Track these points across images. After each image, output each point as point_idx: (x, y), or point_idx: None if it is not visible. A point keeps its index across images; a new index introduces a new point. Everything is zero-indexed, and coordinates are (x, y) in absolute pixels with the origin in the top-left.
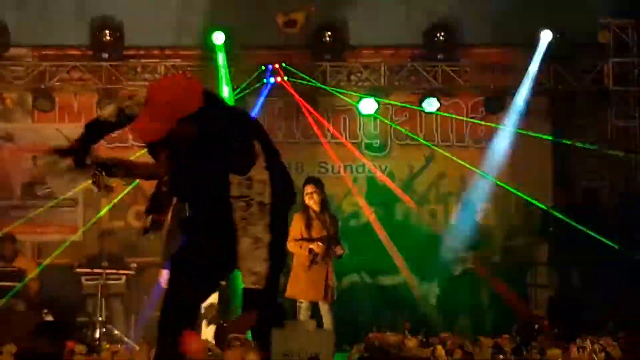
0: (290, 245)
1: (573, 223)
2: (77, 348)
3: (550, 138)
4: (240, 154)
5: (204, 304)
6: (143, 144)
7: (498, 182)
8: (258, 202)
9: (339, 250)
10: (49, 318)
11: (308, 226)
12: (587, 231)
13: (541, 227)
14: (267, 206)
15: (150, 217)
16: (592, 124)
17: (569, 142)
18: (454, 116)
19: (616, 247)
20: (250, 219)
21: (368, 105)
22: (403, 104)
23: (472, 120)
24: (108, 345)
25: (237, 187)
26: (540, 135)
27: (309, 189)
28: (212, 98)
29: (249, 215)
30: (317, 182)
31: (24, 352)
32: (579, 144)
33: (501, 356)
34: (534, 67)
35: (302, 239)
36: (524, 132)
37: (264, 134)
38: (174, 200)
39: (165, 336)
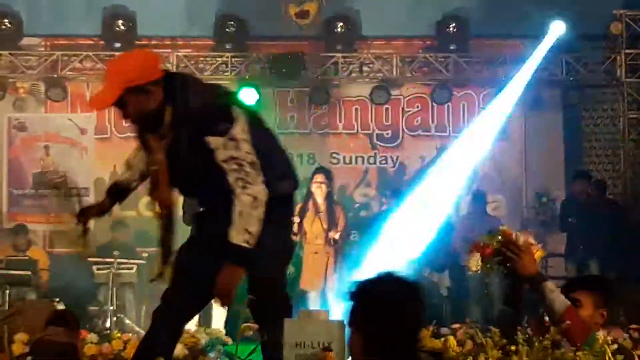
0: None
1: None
2: (89, 337)
3: None
4: (214, 115)
5: None
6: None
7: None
8: (249, 162)
9: (331, 234)
10: (61, 307)
11: (301, 211)
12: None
13: (560, 218)
14: (257, 163)
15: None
16: (604, 115)
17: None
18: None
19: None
20: (247, 179)
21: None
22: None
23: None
24: (119, 334)
25: (224, 150)
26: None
27: (319, 178)
28: (178, 77)
29: (245, 175)
30: (327, 173)
31: (37, 341)
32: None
33: (513, 347)
34: (537, 56)
35: None
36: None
37: (255, 118)
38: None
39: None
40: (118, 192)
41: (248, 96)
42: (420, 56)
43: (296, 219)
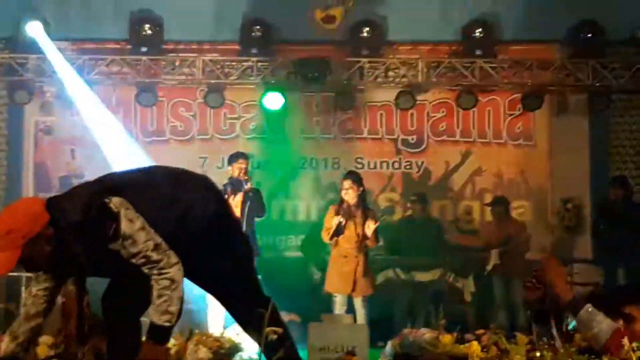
0: (323, 236)
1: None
2: None
3: None
4: (97, 224)
5: None
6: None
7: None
8: (152, 249)
9: (367, 230)
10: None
11: (338, 213)
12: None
13: (592, 224)
14: (163, 242)
15: None
16: (631, 121)
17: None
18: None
19: None
20: (156, 267)
21: (273, 100)
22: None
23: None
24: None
25: (125, 250)
26: None
27: (346, 184)
28: (54, 202)
29: (155, 264)
30: (355, 177)
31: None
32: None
33: (537, 353)
34: (563, 62)
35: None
36: None
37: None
38: None
39: None
40: None
41: (274, 101)
42: (445, 61)
43: (337, 220)
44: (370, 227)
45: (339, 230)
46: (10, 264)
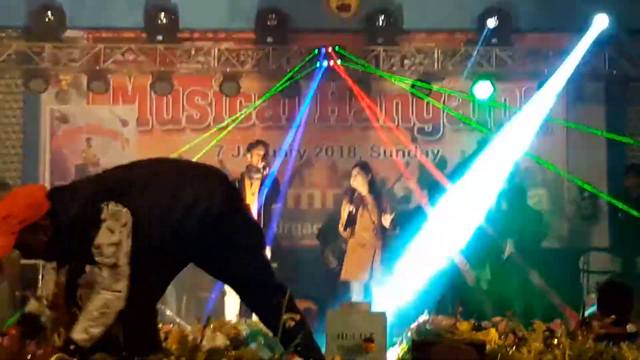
0: (340, 230)
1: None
2: None
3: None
4: (84, 225)
5: None
6: None
7: (552, 167)
8: (109, 265)
9: (384, 220)
10: None
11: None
12: None
13: (609, 212)
14: (122, 267)
15: None
16: None
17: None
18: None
19: None
20: (102, 284)
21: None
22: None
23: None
24: (160, 325)
25: (92, 254)
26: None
27: (354, 171)
28: (57, 194)
29: (102, 280)
30: (362, 166)
31: None
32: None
33: (555, 340)
34: (580, 50)
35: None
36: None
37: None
38: None
39: None
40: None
41: (289, 90)
42: (462, 49)
43: (347, 209)
44: (387, 219)
45: (350, 220)
46: (5, 248)
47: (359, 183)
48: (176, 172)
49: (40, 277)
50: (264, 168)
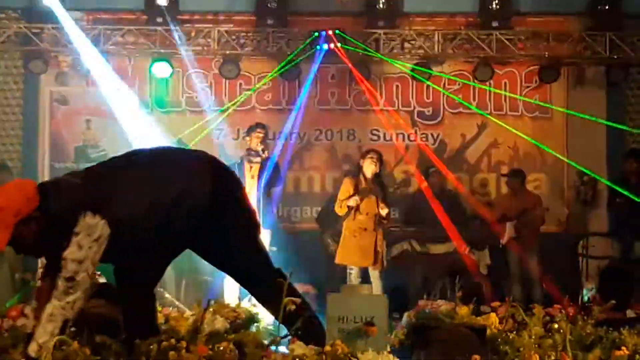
0: (337, 208)
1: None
2: None
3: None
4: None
5: None
6: None
7: (551, 151)
8: (65, 277)
9: (384, 212)
10: (102, 280)
11: (356, 187)
12: None
13: (608, 197)
14: (77, 282)
15: None
16: None
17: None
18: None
19: None
20: (54, 293)
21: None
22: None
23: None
24: (160, 308)
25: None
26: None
27: (375, 156)
28: (45, 189)
29: (56, 288)
30: (379, 154)
31: (80, 314)
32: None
33: (555, 325)
34: (580, 34)
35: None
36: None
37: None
38: None
39: None
40: None
41: (289, 73)
42: (462, 33)
43: (354, 201)
44: (383, 209)
45: (349, 212)
46: (2, 243)
47: (372, 170)
48: (163, 168)
49: (39, 260)
50: (262, 151)
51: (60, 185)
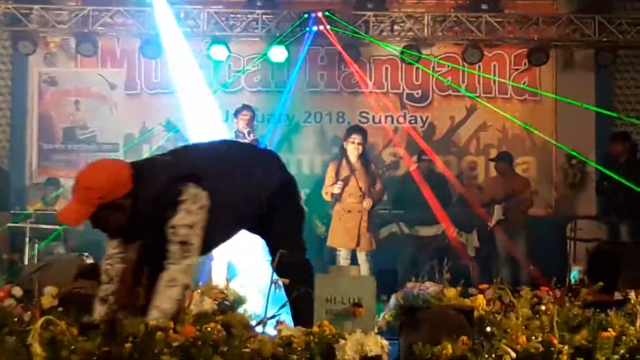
0: (323, 194)
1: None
2: None
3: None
4: (164, 203)
5: None
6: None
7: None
8: (179, 242)
9: (366, 204)
10: (90, 261)
11: (337, 173)
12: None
13: (596, 180)
14: (191, 246)
15: None
16: (637, 77)
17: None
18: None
19: None
20: (171, 259)
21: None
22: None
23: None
24: None
25: (167, 233)
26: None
27: (357, 138)
28: (139, 174)
29: (171, 255)
30: (364, 133)
31: (67, 294)
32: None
33: (542, 307)
34: (568, 16)
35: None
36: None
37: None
38: None
39: None
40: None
41: (278, 54)
42: (451, 15)
43: (337, 188)
44: (367, 201)
45: (339, 194)
46: (82, 216)
47: (357, 151)
48: (246, 155)
49: (27, 240)
50: (248, 133)
51: (155, 164)
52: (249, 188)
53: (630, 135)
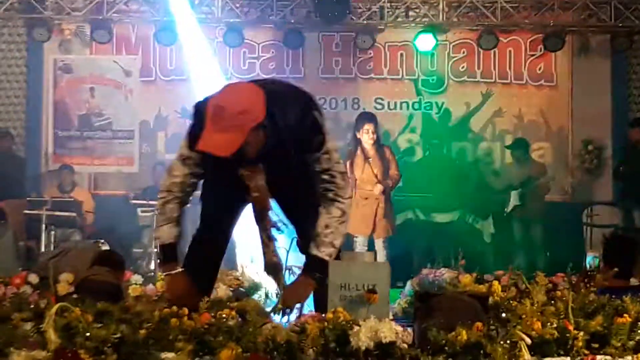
0: None
1: None
2: (133, 278)
3: None
4: (307, 131)
5: None
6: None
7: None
8: (340, 172)
9: (377, 190)
10: (105, 248)
11: (352, 163)
12: None
13: (614, 167)
14: (347, 175)
15: None
16: None
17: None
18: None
19: None
20: (337, 191)
21: (425, 42)
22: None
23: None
24: (162, 276)
25: (318, 164)
26: None
27: (370, 127)
28: (273, 97)
29: (336, 188)
30: (376, 121)
31: (82, 281)
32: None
33: (558, 292)
34: (584, 1)
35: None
36: None
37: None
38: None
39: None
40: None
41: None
42: (467, 1)
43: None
44: (378, 187)
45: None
46: (235, 147)
47: (370, 138)
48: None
49: (43, 227)
50: None
51: (285, 93)
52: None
53: None
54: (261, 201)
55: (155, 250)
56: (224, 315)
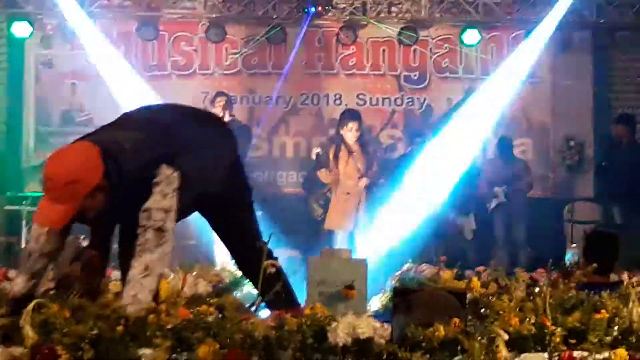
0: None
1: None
2: (113, 274)
3: None
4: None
5: None
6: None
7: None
8: (155, 228)
9: (361, 183)
10: (86, 244)
11: (336, 157)
12: None
13: (596, 163)
14: (167, 232)
15: None
16: (635, 58)
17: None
18: None
19: None
20: (144, 246)
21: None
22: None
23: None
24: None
25: (140, 217)
26: None
27: (354, 125)
28: (111, 155)
29: (145, 242)
30: (359, 118)
31: (63, 277)
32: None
33: (537, 289)
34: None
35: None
36: None
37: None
38: None
39: None
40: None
41: (276, 36)
42: None
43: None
44: (363, 181)
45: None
46: (67, 218)
47: (354, 136)
48: (211, 124)
49: (23, 224)
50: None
51: (124, 144)
52: (209, 163)
53: (634, 117)
54: (95, 261)
55: None
56: (202, 312)
